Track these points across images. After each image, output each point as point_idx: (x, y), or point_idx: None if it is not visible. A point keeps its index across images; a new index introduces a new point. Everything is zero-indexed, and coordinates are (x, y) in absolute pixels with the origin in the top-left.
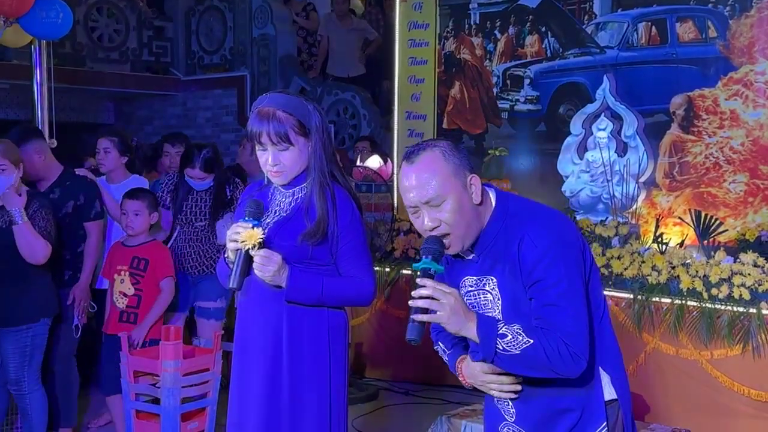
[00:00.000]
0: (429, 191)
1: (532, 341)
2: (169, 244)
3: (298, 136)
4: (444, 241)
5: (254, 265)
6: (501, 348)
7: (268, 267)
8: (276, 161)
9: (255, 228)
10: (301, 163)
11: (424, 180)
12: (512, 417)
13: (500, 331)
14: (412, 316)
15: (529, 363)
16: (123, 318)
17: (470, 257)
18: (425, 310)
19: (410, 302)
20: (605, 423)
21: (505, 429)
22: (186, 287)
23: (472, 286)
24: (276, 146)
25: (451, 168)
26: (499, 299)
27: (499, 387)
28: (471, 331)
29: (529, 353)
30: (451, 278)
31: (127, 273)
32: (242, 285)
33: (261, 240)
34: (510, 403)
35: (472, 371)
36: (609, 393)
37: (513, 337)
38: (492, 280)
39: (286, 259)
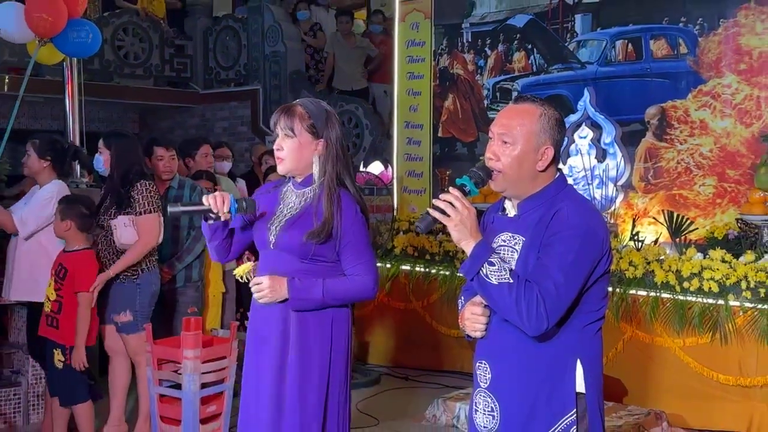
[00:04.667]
0: (507, 128)
1: (511, 281)
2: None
3: (305, 132)
4: (493, 173)
5: (253, 295)
6: (484, 272)
7: (262, 292)
8: (279, 147)
9: (246, 262)
10: (300, 158)
11: (510, 119)
12: (486, 383)
13: (491, 259)
14: (427, 209)
15: (499, 297)
16: (47, 322)
17: (513, 215)
18: (442, 212)
19: (433, 200)
20: (575, 411)
21: (478, 397)
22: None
23: (504, 242)
24: (282, 131)
25: (536, 128)
26: (517, 257)
27: (471, 323)
28: (468, 246)
29: (503, 289)
30: (495, 229)
31: (53, 278)
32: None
33: (251, 270)
34: (488, 368)
35: (465, 311)
36: (580, 385)
37: (498, 269)
38: (522, 240)
39: (294, 253)
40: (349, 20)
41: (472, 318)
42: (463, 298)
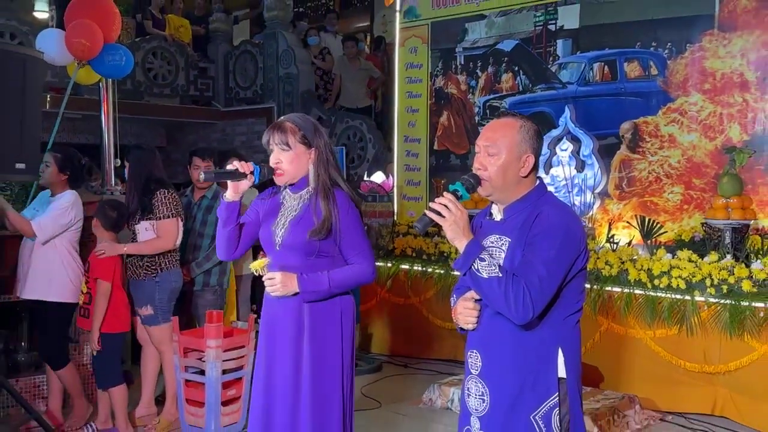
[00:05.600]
0: (491, 140)
1: (500, 275)
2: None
3: (299, 144)
4: (482, 181)
5: (266, 289)
6: (475, 267)
7: (274, 285)
8: (277, 160)
9: (263, 257)
10: (298, 166)
11: (493, 132)
12: (477, 370)
13: (481, 255)
14: (425, 211)
15: (489, 289)
16: (80, 313)
17: (499, 219)
18: (438, 214)
19: (430, 203)
20: (557, 394)
21: (470, 382)
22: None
23: (492, 243)
24: (278, 146)
25: (517, 139)
26: (504, 256)
27: (464, 317)
28: (461, 244)
29: (493, 283)
30: (484, 232)
31: (84, 274)
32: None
33: (266, 264)
34: (479, 356)
35: (458, 306)
36: (561, 371)
37: (488, 264)
38: (508, 240)
39: (299, 251)
40: (354, 45)
41: (465, 312)
42: (455, 295)
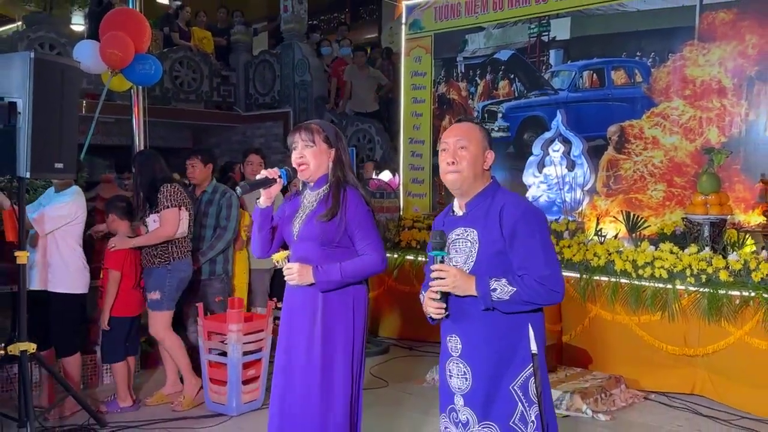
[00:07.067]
0: (461, 136)
1: (515, 289)
2: None
3: (322, 142)
4: (450, 176)
5: (285, 277)
6: (495, 298)
7: (292, 275)
8: (300, 155)
9: (283, 251)
10: (320, 163)
11: (461, 131)
12: (458, 353)
13: (492, 287)
14: (431, 295)
15: (518, 304)
16: (99, 297)
17: (461, 214)
18: (442, 286)
19: (431, 282)
20: (531, 365)
21: (451, 365)
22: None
23: (458, 235)
24: (304, 143)
25: (480, 137)
26: (477, 244)
27: (434, 309)
28: (472, 291)
29: (515, 298)
30: (447, 228)
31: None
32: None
33: (287, 257)
34: (459, 340)
35: (426, 301)
36: (533, 346)
37: (501, 289)
38: (474, 231)
39: (314, 241)
40: (364, 55)
41: (433, 305)
42: (423, 292)
